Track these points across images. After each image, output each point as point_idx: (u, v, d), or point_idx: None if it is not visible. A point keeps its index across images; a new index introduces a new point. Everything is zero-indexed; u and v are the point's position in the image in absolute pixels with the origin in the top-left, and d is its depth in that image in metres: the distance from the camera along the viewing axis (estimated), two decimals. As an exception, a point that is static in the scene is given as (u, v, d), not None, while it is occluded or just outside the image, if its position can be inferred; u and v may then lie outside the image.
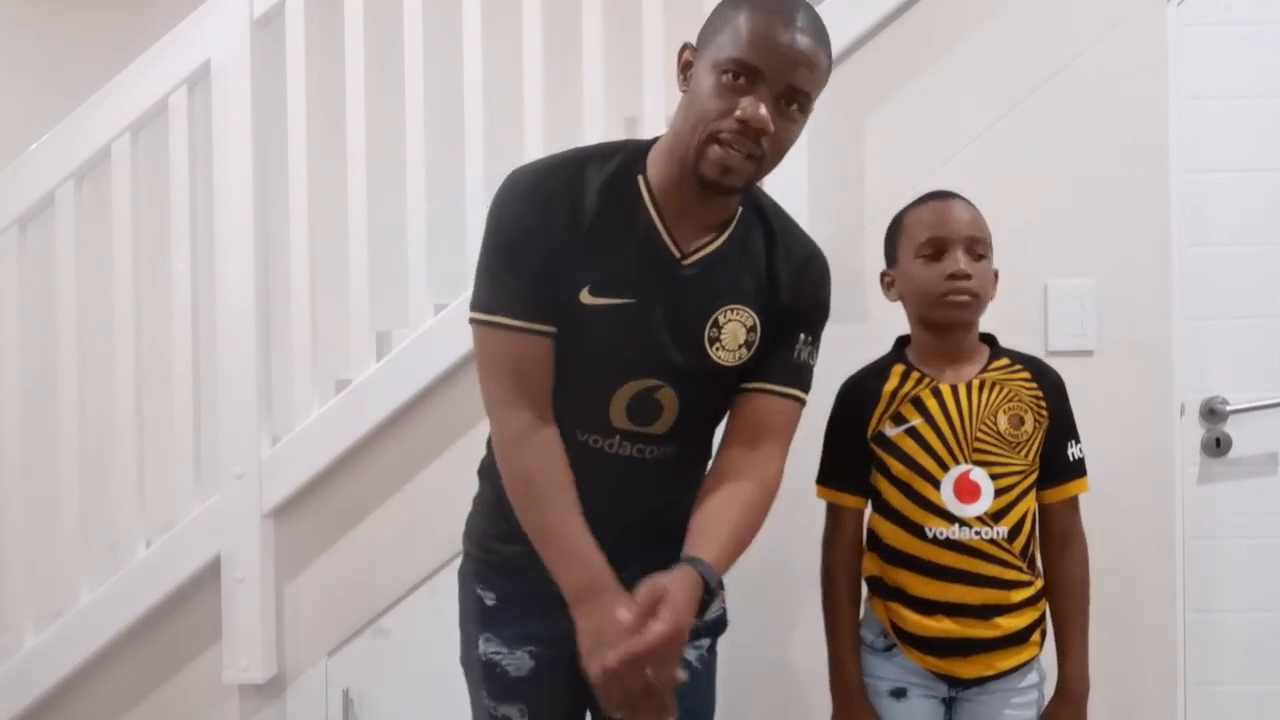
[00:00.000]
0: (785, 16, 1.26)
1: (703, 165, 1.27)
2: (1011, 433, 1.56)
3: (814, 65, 1.28)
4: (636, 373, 1.35)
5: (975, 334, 1.63)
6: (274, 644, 2.11)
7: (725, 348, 1.37)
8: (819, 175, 2.02)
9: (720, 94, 1.25)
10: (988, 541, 1.54)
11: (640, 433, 1.38)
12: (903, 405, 1.59)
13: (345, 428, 2.08)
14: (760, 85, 1.25)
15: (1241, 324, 2.12)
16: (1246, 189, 2.11)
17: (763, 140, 1.26)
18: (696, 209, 1.34)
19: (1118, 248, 2.02)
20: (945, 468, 1.55)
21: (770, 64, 1.24)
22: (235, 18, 2.11)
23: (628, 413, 1.36)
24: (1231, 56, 2.12)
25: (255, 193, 2.11)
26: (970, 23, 2.05)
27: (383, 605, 2.10)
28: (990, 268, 1.59)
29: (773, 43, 1.24)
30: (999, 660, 1.56)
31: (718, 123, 1.25)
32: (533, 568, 1.33)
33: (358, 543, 2.11)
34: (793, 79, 1.26)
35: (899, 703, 1.59)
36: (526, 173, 1.36)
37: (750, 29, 1.25)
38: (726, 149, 1.26)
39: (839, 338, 2.02)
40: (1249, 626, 2.12)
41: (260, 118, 2.13)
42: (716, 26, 1.29)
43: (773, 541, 2.11)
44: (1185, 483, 2.11)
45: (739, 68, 1.24)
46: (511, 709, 1.45)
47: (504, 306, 1.31)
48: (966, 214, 1.58)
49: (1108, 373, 2.01)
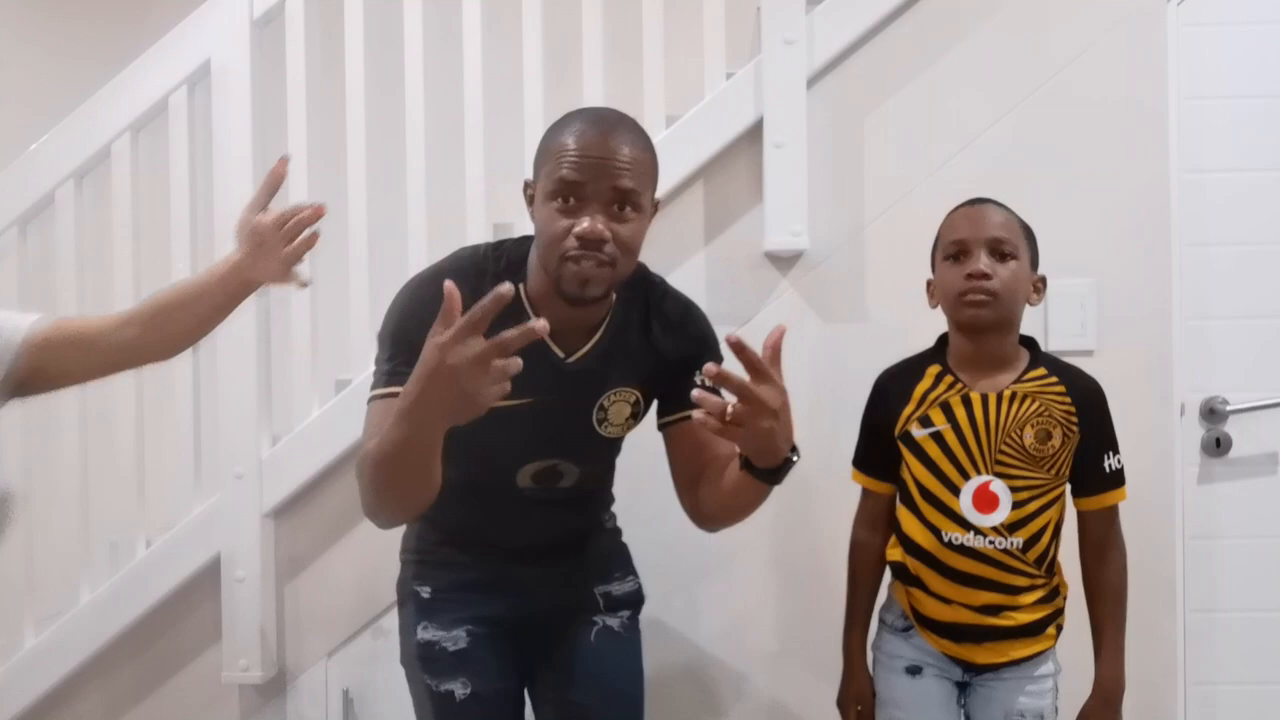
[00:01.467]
0: (595, 132, 1.37)
1: (563, 284, 1.39)
2: (1036, 447, 1.56)
3: (633, 164, 1.37)
4: (536, 456, 1.52)
5: (1011, 339, 1.62)
6: (274, 644, 2.11)
7: (612, 424, 1.53)
8: (819, 175, 2.03)
9: (556, 218, 1.37)
10: (1001, 551, 1.57)
11: (547, 489, 1.55)
12: (931, 409, 1.61)
13: (345, 428, 2.07)
14: (589, 200, 1.36)
15: (1241, 324, 2.12)
16: (1246, 189, 2.11)
17: (605, 248, 1.36)
18: (572, 315, 1.44)
19: (1118, 248, 2.02)
20: (966, 476, 1.57)
21: (591, 178, 1.35)
22: (235, 18, 2.11)
23: (533, 480, 1.54)
24: (1231, 56, 2.12)
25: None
26: (970, 23, 2.05)
27: (383, 605, 2.10)
28: (1021, 270, 1.57)
29: (589, 158, 1.35)
30: (1012, 649, 1.59)
31: (562, 244, 1.36)
32: (461, 561, 1.53)
33: (358, 543, 2.11)
34: (615, 184, 1.36)
35: (914, 680, 1.63)
36: (422, 282, 1.47)
37: (568, 151, 1.36)
38: (578, 264, 1.36)
39: (839, 337, 2.04)
40: (1249, 626, 2.12)
41: (260, 118, 2.13)
42: (541, 160, 1.42)
43: (777, 538, 2.12)
44: (1185, 483, 2.11)
45: (565, 190, 1.36)
46: (453, 683, 1.54)
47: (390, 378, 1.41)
48: (995, 216, 1.59)
49: (1108, 373, 2.00)
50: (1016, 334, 1.62)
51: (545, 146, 1.41)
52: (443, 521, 1.58)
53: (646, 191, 1.41)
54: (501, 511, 1.56)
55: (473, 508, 1.55)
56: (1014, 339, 1.62)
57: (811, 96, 2.03)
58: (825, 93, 2.05)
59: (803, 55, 2.02)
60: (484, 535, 1.59)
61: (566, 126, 1.39)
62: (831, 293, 2.05)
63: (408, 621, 1.62)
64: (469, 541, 1.60)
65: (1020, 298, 1.58)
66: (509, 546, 1.59)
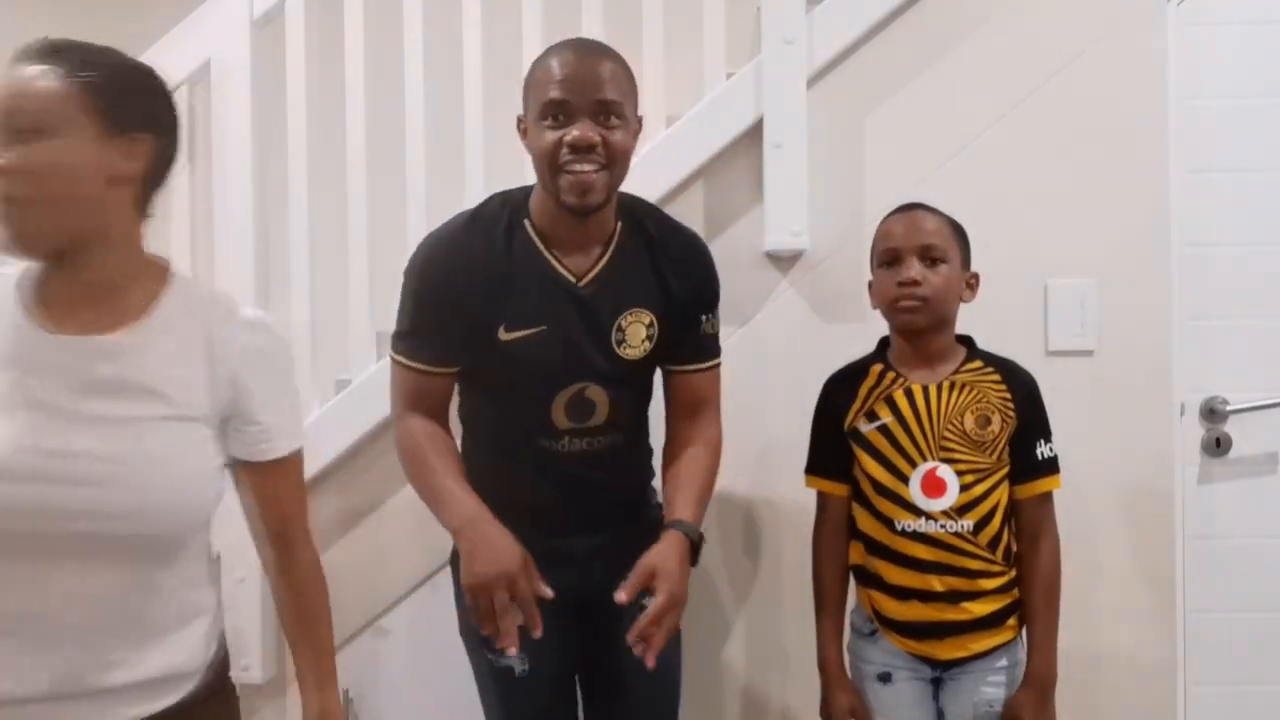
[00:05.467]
0: (574, 55, 1.51)
1: (564, 196, 1.50)
2: (977, 432, 1.63)
3: (613, 79, 1.51)
4: (565, 381, 1.59)
5: (947, 336, 1.69)
6: (274, 644, 2.11)
7: (630, 345, 1.61)
8: (819, 175, 2.03)
9: (547, 134, 1.50)
10: (953, 535, 1.62)
11: (583, 429, 1.61)
12: (876, 403, 1.68)
13: (345, 428, 2.08)
14: (576, 114, 1.49)
15: (1241, 324, 2.12)
16: (1246, 189, 2.12)
17: (597, 152, 1.48)
18: (578, 236, 1.57)
19: (1118, 248, 2.02)
20: (913, 464, 1.64)
21: (575, 94, 1.48)
22: (235, 18, 2.11)
23: (567, 414, 1.60)
24: (1231, 56, 2.12)
25: (255, 192, 2.11)
26: (970, 23, 2.05)
27: (383, 605, 2.10)
28: (952, 273, 1.65)
29: (571, 76, 1.49)
30: (973, 642, 1.63)
31: (556, 156, 1.49)
32: (518, 534, 1.51)
33: (358, 543, 2.11)
34: (598, 95, 1.49)
35: (886, 686, 1.68)
36: (436, 240, 1.61)
37: (551, 75, 1.50)
38: (573, 173, 1.49)
39: (839, 337, 2.03)
40: (1249, 626, 2.12)
41: (260, 118, 2.13)
42: (528, 89, 1.56)
43: (782, 536, 2.11)
44: (1185, 483, 2.11)
45: (554, 108, 1.49)
46: (512, 660, 1.59)
47: (413, 352, 1.60)
48: (926, 223, 1.66)
49: (1108, 373, 2.01)
50: (952, 331, 1.69)
51: (529, 78, 1.55)
52: (490, 494, 1.59)
53: (629, 103, 1.53)
54: (544, 471, 1.62)
55: (518, 471, 1.62)
56: (949, 336, 1.69)
57: (811, 96, 2.03)
58: (825, 93, 2.06)
59: (803, 55, 2.02)
60: (531, 502, 1.61)
61: (547, 56, 1.53)
62: (831, 293, 2.05)
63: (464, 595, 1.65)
64: (518, 510, 1.59)
65: (952, 299, 1.66)
66: (556, 513, 1.63)
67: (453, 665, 1.71)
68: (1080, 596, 1.98)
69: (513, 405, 1.61)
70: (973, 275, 1.70)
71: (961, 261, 1.67)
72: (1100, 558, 2.00)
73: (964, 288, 1.68)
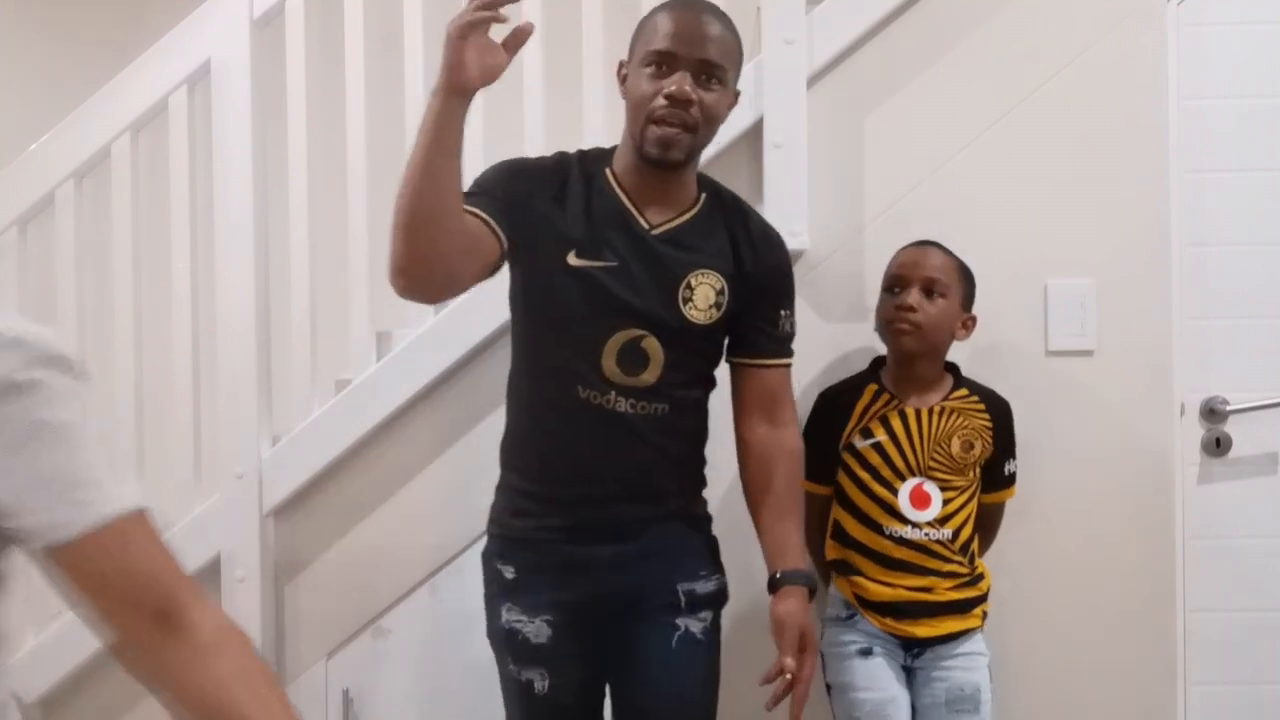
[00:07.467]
0: (690, 11, 1.54)
1: (646, 146, 1.53)
2: (961, 456, 1.81)
3: (721, 42, 1.53)
4: (622, 323, 1.56)
5: (936, 365, 1.85)
6: (274, 644, 2.11)
7: (697, 307, 1.59)
8: (819, 175, 2.03)
9: (648, 82, 1.52)
10: (935, 541, 1.79)
11: (632, 385, 1.56)
12: (871, 422, 1.83)
13: (345, 428, 2.08)
14: (679, 67, 1.51)
15: (1241, 324, 2.12)
16: (1246, 189, 2.11)
17: (691, 110, 1.51)
18: (658, 191, 1.59)
19: (1117, 248, 2.02)
20: (903, 478, 1.80)
21: (682, 47, 1.51)
22: (235, 18, 2.11)
23: (618, 362, 1.56)
24: (1231, 56, 2.12)
25: (255, 193, 2.11)
26: (970, 23, 2.05)
27: (383, 605, 2.10)
28: (950, 308, 1.79)
29: (681, 31, 1.51)
30: (945, 623, 1.79)
31: (651, 105, 1.51)
32: (545, 541, 1.56)
33: (358, 543, 2.11)
34: (703, 55, 1.52)
35: (866, 660, 1.79)
36: (522, 159, 1.66)
37: (662, 26, 1.53)
38: (663, 126, 1.51)
39: (840, 337, 2.04)
40: (1249, 626, 2.12)
41: (260, 118, 2.13)
42: (637, 37, 1.59)
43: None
44: (1185, 483, 2.11)
45: (659, 58, 1.52)
46: (533, 673, 1.59)
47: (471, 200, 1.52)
48: (933, 259, 1.81)
49: (1108, 373, 2.01)
50: (941, 362, 1.85)
51: (641, 26, 1.58)
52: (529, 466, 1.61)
53: (731, 70, 1.56)
54: (587, 430, 1.57)
55: (561, 428, 1.59)
56: (938, 366, 1.85)
57: (811, 96, 2.03)
58: (825, 93, 2.05)
59: (803, 55, 2.02)
60: (564, 466, 1.59)
61: (663, 8, 1.56)
62: (831, 293, 2.05)
63: (493, 597, 1.64)
64: (550, 482, 1.60)
65: (945, 331, 1.81)
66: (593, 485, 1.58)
67: (453, 665, 1.71)
68: (1080, 596, 1.98)
69: (565, 342, 1.57)
70: (970, 317, 1.84)
71: (962, 301, 1.82)
72: (1100, 557, 2.00)
73: (959, 326, 1.82)
